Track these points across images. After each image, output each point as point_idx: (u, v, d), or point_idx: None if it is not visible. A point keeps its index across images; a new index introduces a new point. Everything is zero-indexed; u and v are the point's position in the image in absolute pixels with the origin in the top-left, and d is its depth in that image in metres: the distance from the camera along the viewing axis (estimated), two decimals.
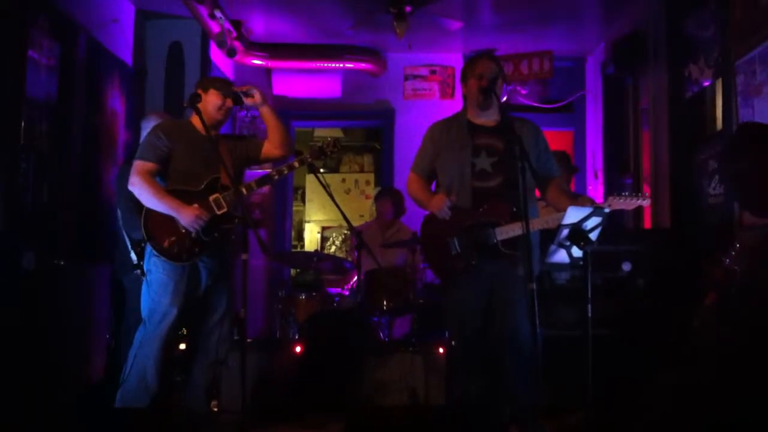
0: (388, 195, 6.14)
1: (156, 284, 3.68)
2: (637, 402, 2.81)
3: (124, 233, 4.34)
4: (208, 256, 3.76)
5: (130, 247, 4.27)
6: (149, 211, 3.66)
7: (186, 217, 3.60)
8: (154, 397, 3.65)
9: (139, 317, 3.77)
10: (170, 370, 3.84)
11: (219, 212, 3.69)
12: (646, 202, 3.53)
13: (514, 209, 3.49)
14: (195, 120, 3.82)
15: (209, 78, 4.05)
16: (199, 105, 3.79)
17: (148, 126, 4.12)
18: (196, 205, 3.64)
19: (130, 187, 3.70)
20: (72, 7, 4.73)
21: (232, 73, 7.16)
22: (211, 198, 3.70)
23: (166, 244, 3.63)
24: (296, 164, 3.94)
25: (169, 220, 3.63)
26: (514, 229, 3.46)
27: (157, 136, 3.75)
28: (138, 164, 3.71)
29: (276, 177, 3.87)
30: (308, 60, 6.95)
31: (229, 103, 3.83)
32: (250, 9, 6.09)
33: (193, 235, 3.63)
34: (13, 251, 4.08)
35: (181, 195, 3.67)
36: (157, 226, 3.64)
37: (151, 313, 3.68)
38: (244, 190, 3.76)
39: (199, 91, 3.84)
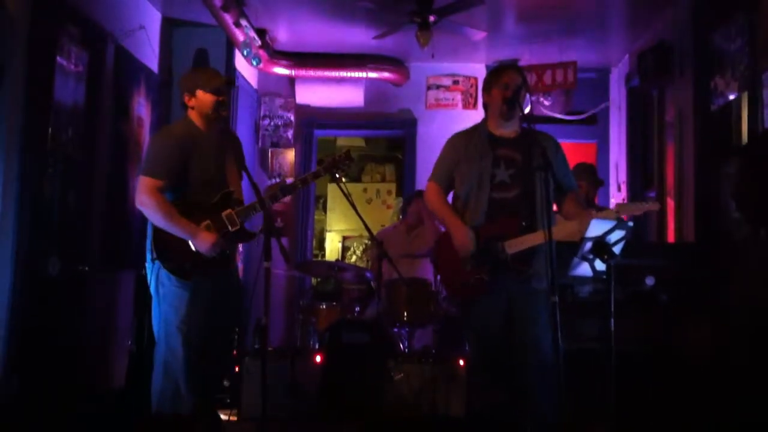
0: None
1: (171, 297, 3.50)
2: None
3: None
4: (217, 271, 3.62)
5: None
6: (158, 230, 3.48)
7: (203, 243, 3.45)
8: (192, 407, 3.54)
9: None
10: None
11: (232, 229, 3.54)
12: (654, 206, 3.51)
13: (524, 223, 3.48)
14: (197, 122, 3.64)
15: (192, 77, 3.77)
16: (193, 110, 3.63)
17: None
18: (211, 234, 3.47)
19: (139, 206, 3.51)
20: (100, 15, 4.79)
21: (256, 82, 7.20)
22: (224, 214, 3.54)
23: (177, 263, 3.48)
24: (309, 179, 3.86)
25: (180, 239, 3.47)
26: (524, 243, 3.44)
27: (168, 148, 3.55)
28: (146, 181, 3.49)
29: (284, 193, 3.76)
30: (331, 69, 6.98)
31: (222, 97, 3.61)
32: (274, 18, 6.13)
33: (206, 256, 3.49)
34: (38, 256, 4.12)
35: (193, 209, 3.51)
36: (168, 245, 3.48)
37: (167, 326, 3.51)
38: (258, 207, 3.56)
39: (186, 98, 3.64)
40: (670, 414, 3.79)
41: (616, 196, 6.91)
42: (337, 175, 3.82)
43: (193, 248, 3.48)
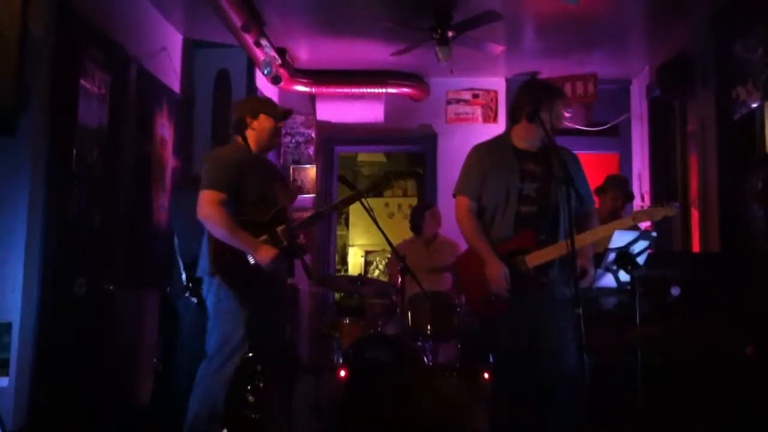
0: (434, 208, 6.14)
1: (228, 314, 3.56)
2: None
3: (179, 258, 4.36)
4: (273, 286, 3.74)
5: (182, 269, 4.30)
6: (219, 243, 3.55)
7: (264, 257, 3.53)
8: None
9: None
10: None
11: (286, 243, 3.64)
12: (671, 211, 3.48)
13: (542, 237, 3.47)
14: (250, 145, 3.76)
15: (254, 102, 4.03)
16: (252, 131, 3.75)
17: None
18: (272, 248, 3.57)
19: (202, 218, 3.59)
20: (122, 38, 4.86)
21: (276, 100, 7.25)
22: (278, 229, 3.64)
23: (237, 276, 3.55)
24: (355, 198, 3.95)
25: (239, 253, 3.55)
26: (545, 256, 3.43)
27: (227, 165, 3.65)
28: (210, 194, 3.59)
29: (333, 211, 3.93)
30: (351, 86, 7.03)
31: (281, 124, 3.83)
32: (294, 37, 6.19)
33: (266, 268, 3.56)
34: (65, 276, 4.17)
35: (250, 226, 3.59)
36: (228, 259, 3.55)
37: (222, 345, 3.56)
38: (312, 221, 3.83)
39: (248, 119, 3.77)
40: (696, 425, 3.75)
41: (642, 206, 6.86)
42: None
43: (252, 262, 3.55)
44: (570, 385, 3.34)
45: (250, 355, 4.07)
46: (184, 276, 4.29)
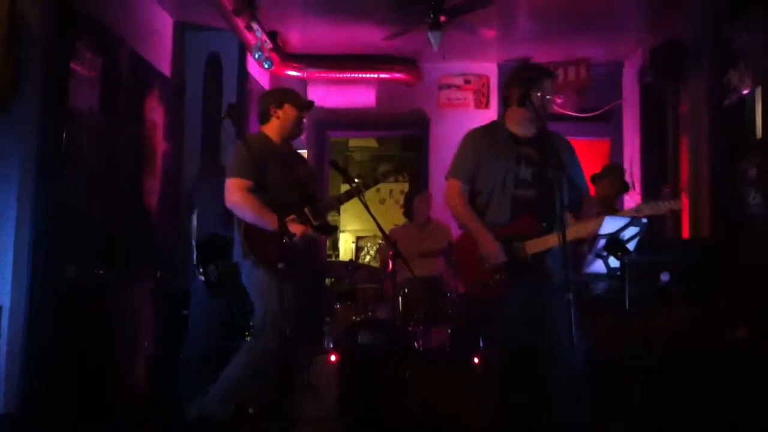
0: (429, 194, 6.16)
1: (264, 293, 3.69)
2: None
3: (192, 239, 4.41)
4: (305, 265, 3.83)
5: (194, 248, 4.34)
6: (248, 226, 3.69)
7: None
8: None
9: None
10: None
11: (315, 223, 3.76)
12: (677, 205, 3.49)
13: (544, 224, 3.47)
14: (271, 135, 3.92)
15: (280, 92, 4.19)
16: (277, 120, 3.90)
17: None
18: (299, 225, 3.69)
19: (230, 206, 3.73)
20: (113, 21, 4.82)
21: (268, 84, 7.22)
22: (306, 209, 3.77)
23: (269, 256, 3.62)
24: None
25: (271, 235, 3.63)
26: (545, 243, 3.43)
27: (253, 153, 3.73)
28: (236, 182, 3.73)
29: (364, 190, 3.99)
30: (343, 70, 7.02)
31: (304, 114, 3.94)
32: (286, 20, 6.16)
33: (295, 244, 3.64)
34: (56, 262, 4.14)
35: (278, 210, 3.67)
36: (259, 239, 3.67)
37: (265, 323, 3.68)
38: (337, 202, 4.00)
39: (273, 108, 3.92)
40: (689, 410, 3.78)
41: (631, 193, 6.88)
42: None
43: (284, 240, 3.61)
44: (570, 374, 3.32)
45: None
46: (195, 254, 4.35)
